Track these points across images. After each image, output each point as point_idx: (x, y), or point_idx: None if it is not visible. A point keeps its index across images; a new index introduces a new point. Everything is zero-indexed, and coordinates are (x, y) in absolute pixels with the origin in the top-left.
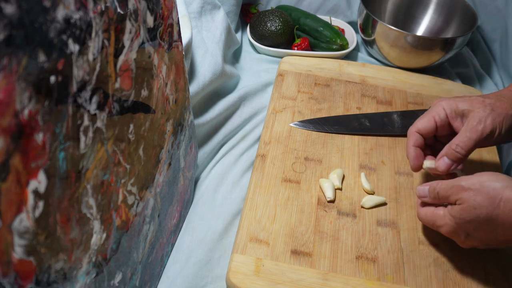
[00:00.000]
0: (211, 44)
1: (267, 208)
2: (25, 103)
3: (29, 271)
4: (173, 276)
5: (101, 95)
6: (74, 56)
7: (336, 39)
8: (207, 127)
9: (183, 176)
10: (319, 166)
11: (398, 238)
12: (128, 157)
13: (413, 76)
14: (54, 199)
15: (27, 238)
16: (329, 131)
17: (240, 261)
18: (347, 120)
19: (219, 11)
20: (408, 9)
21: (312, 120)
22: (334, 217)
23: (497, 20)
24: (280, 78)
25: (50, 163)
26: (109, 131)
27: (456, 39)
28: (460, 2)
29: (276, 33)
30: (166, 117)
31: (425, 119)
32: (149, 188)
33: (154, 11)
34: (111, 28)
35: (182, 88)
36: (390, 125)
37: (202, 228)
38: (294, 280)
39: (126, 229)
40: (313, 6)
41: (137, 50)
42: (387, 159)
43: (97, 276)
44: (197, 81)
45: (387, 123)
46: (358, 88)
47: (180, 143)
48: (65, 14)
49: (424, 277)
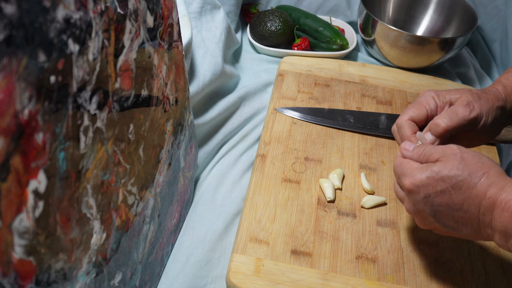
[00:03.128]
0: (211, 44)
1: (267, 208)
2: (25, 103)
3: (29, 271)
4: (173, 276)
5: (101, 95)
6: (74, 56)
7: (336, 39)
8: (207, 127)
9: (183, 176)
10: (319, 166)
11: (398, 238)
12: (128, 157)
13: (413, 76)
14: (54, 199)
15: (27, 238)
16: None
17: (240, 261)
18: (332, 113)
19: (219, 11)
20: (408, 9)
21: (297, 108)
22: (334, 217)
23: (497, 20)
24: (280, 78)
25: (50, 163)
26: (109, 131)
27: (456, 39)
28: (460, 2)
29: (276, 33)
30: (166, 117)
31: (416, 107)
32: (149, 188)
33: (154, 11)
34: (111, 28)
35: (182, 88)
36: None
37: (202, 228)
38: (294, 280)
39: (126, 229)
40: (313, 6)
41: (137, 50)
42: (387, 159)
43: (97, 276)
44: (197, 81)
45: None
46: (358, 88)
47: (180, 143)
48: (65, 14)
49: (424, 277)
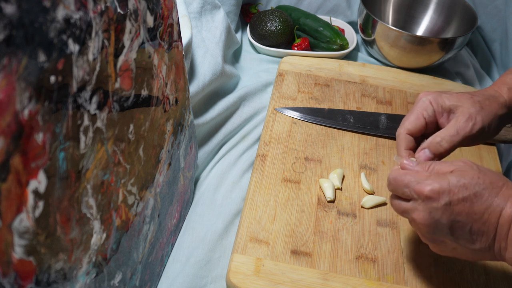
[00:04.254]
0: (211, 44)
1: (267, 208)
2: (25, 103)
3: (29, 271)
4: (173, 276)
5: (101, 95)
6: (74, 56)
7: (336, 39)
8: (207, 127)
9: (183, 176)
10: (319, 166)
11: (398, 238)
12: (128, 157)
13: (413, 76)
14: (54, 199)
15: (27, 238)
16: (311, 121)
17: (240, 261)
18: (332, 113)
19: (219, 11)
20: (408, 9)
21: (297, 108)
22: (334, 217)
23: (497, 20)
24: (280, 78)
25: (50, 163)
26: (109, 131)
27: (456, 39)
28: (460, 2)
29: (276, 33)
30: (166, 117)
31: (413, 117)
32: (149, 188)
33: (154, 11)
34: (111, 28)
35: (182, 88)
36: (374, 125)
37: (202, 228)
38: (294, 280)
39: (126, 229)
40: (313, 6)
41: (137, 50)
42: (387, 159)
43: (97, 276)
44: (197, 81)
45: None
46: (358, 88)
47: (180, 143)
48: (65, 14)
49: (424, 277)
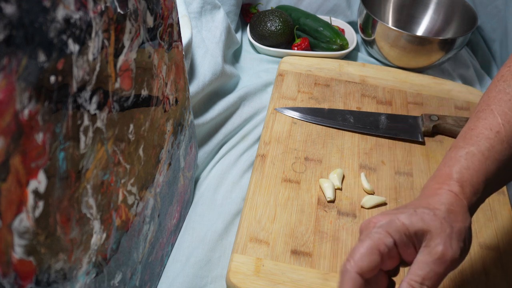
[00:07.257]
0: (211, 44)
1: (267, 208)
2: (25, 103)
3: (29, 271)
4: (173, 276)
5: (101, 95)
6: (74, 56)
7: (336, 39)
8: (207, 127)
9: (183, 176)
10: (319, 166)
11: None
12: (128, 157)
13: (413, 76)
14: (54, 199)
15: (27, 238)
16: (311, 121)
17: (240, 261)
18: (332, 113)
19: (219, 11)
20: (408, 9)
21: (297, 108)
22: (334, 217)
23: (497, 20)
24: (280, 78)
25: (50, 163)
26: (109, 131)
27: (456, 39)
28: (460, 2)
29: (276, 33)
30: (166, 117)
31: (366, 251)
32: (149, 188)
33: (154, 11)
34: (111, 28)
35: (182, 88)
36: (374, 125)
37: (202, 228)
38: (294, 280)
39: (126, 229)
40: (313, 6)
41: (137, 50)
42: (387, 159)
43: (97, 276)
44: (197, 81)
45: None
46: (358, 88)
47: (180, 143)
48: (65, 14)
49: None
